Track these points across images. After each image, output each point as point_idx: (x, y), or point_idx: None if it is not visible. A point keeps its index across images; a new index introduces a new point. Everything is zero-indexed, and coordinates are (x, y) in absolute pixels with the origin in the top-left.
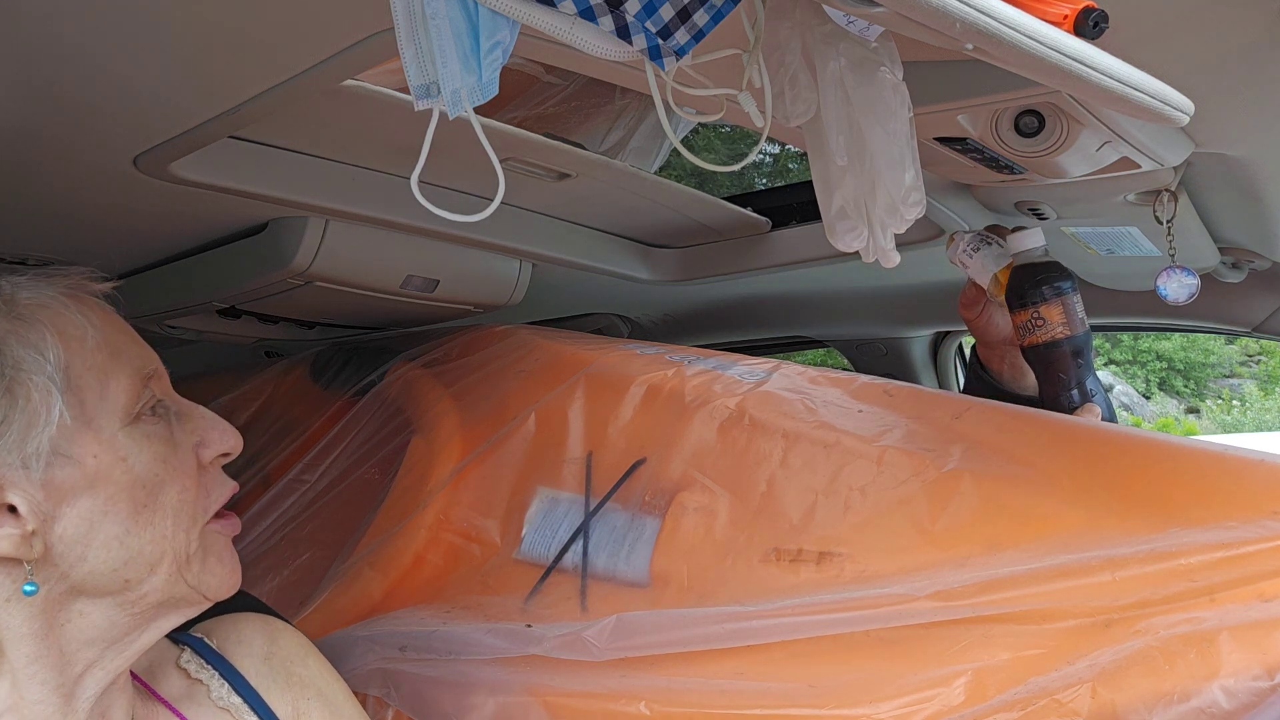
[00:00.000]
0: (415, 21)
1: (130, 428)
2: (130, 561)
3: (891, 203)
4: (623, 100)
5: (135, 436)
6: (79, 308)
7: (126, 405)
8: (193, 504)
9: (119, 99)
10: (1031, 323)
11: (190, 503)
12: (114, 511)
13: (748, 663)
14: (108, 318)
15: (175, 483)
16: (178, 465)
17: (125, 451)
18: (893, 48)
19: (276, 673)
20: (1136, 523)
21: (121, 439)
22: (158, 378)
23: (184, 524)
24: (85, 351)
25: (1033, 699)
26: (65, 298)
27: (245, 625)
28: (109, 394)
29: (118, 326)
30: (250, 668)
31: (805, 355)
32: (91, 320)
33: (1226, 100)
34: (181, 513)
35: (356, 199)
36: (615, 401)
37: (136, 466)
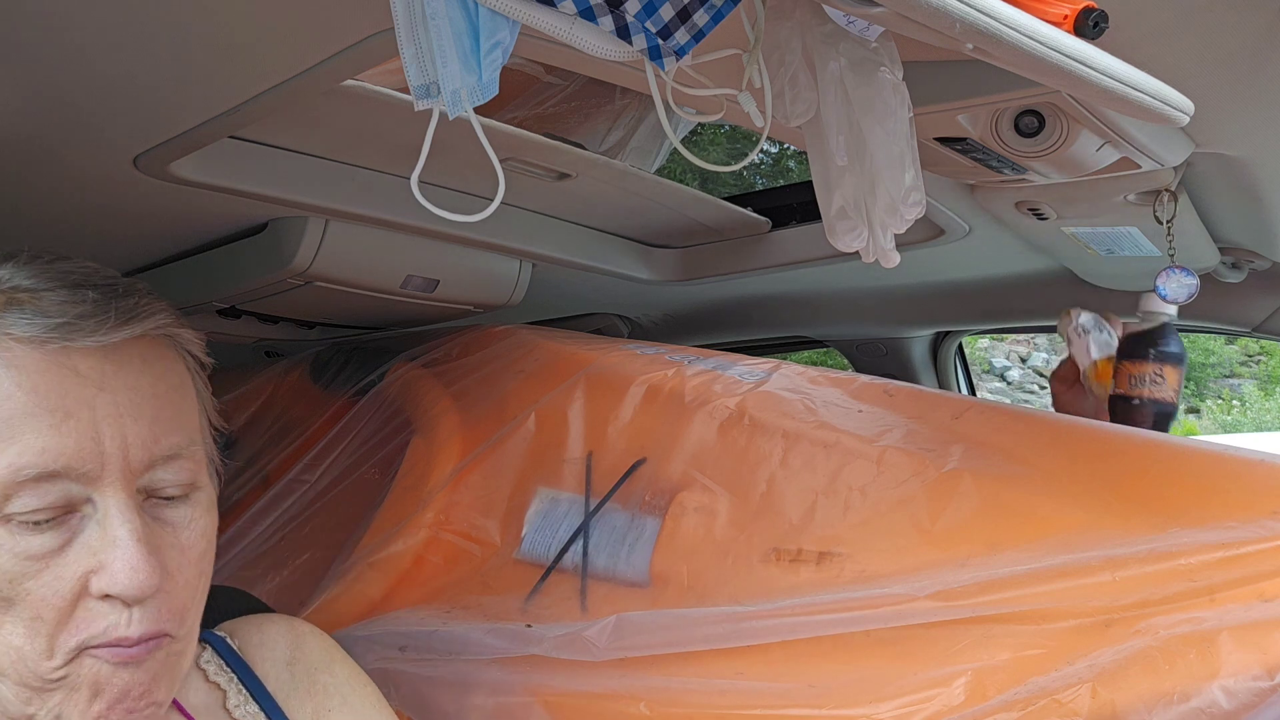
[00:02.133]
0: (415, 21)
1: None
2: None
3: (891, 203)
4: (623, 100)
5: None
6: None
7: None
8: (48, 635)
9: (119, 99)
10: (1149, 377)
11: (45, 633)
12: None
13: (748, 663)
14: (22, 388)
15: (26, 607)
16: (39, 589)
17: None
18: (893, 48)
19: (299, 679)
20: (1136, 522)
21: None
22: (65, 478)
23: (36, 651)
24: None
25: (1033, 699)
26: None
27: (270, 627)
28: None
29: (31, 405)
30: (271, 673)
31: (805, 355)
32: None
33: (1226, 100)
34: (33, 639)
35: (356, 199)
36: (615, 401)
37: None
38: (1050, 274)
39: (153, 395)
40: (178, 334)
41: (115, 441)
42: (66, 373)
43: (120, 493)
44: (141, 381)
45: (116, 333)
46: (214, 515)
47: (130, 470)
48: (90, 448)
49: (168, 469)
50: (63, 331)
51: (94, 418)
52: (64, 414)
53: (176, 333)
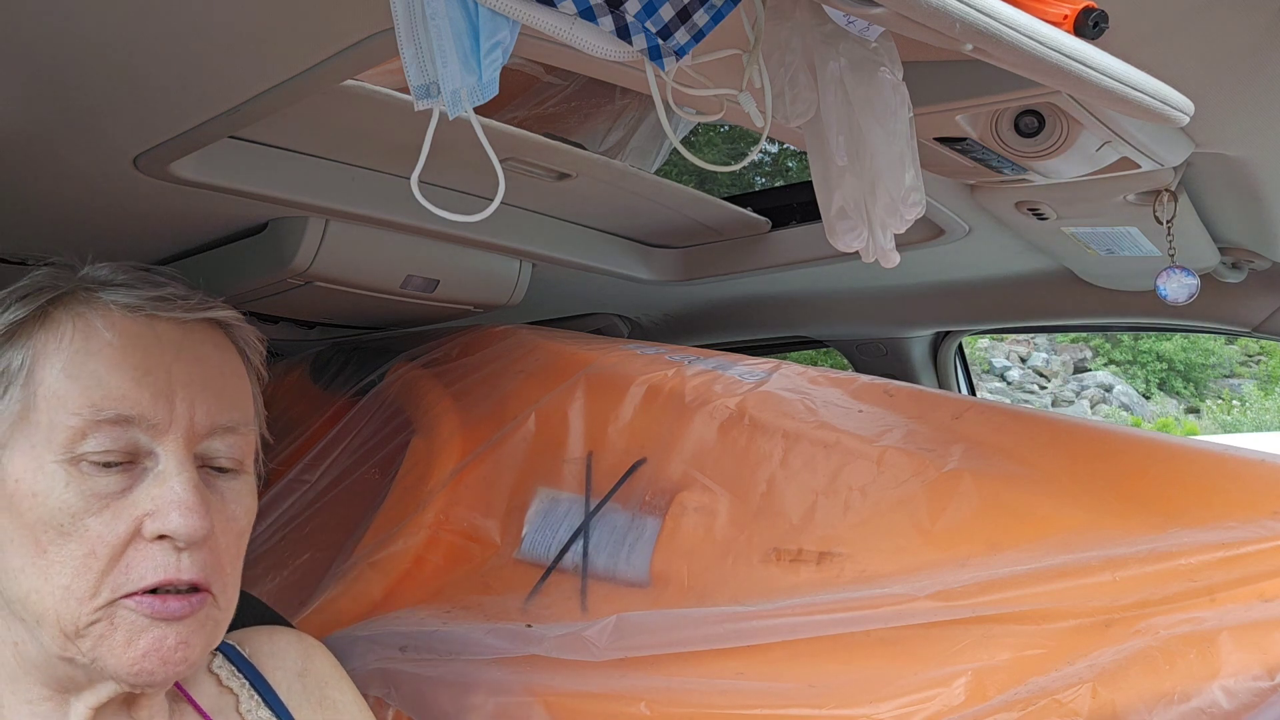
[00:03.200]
0: (415, 21)
1: (64, 465)
2: (23, 602)
3: (891, 203)
4: (623, 100)
5: (61, 477)
6: (89, 324)
7: (65, 441)
8: (99, 572)
9: (119, 99)
10: None
11: (96, 570)
12: (17, 541)
13: (748, 663)
14: (112, 344)
15: (82, 543)
16: (97, 526)
17: (43, 487)
18: (893, 48)
19: (310, 692)
20: (1136, 523)
21: (47, 472)
22: (136, 426)
23: (81, 590)
24: (56, 372)
25: (1033, 699)
26: (96, 309)
27: (280, 638)
28: (57, 421)
29: (117, 360)
30: (282, 683)
31: (805, 355)
32: (88, 342)
33: (1226, 100)
34: (82, 576)
35: (356, 199)
36: (615, 401)
37: (46, 506)
38: (1050, 274)
39: (219, 373)
40: (242, 329)
41: (185, 403)
42: (151, 337)
43: (181, 449)
44: (211, 358)
45: (195, 313)
46: (255, 503)
47: (193, 431)
48: (163, 404)
49: (224, 440)
50: (152, 304)
51: (169, 379)
52: (144, 370)
53: (241, 327)
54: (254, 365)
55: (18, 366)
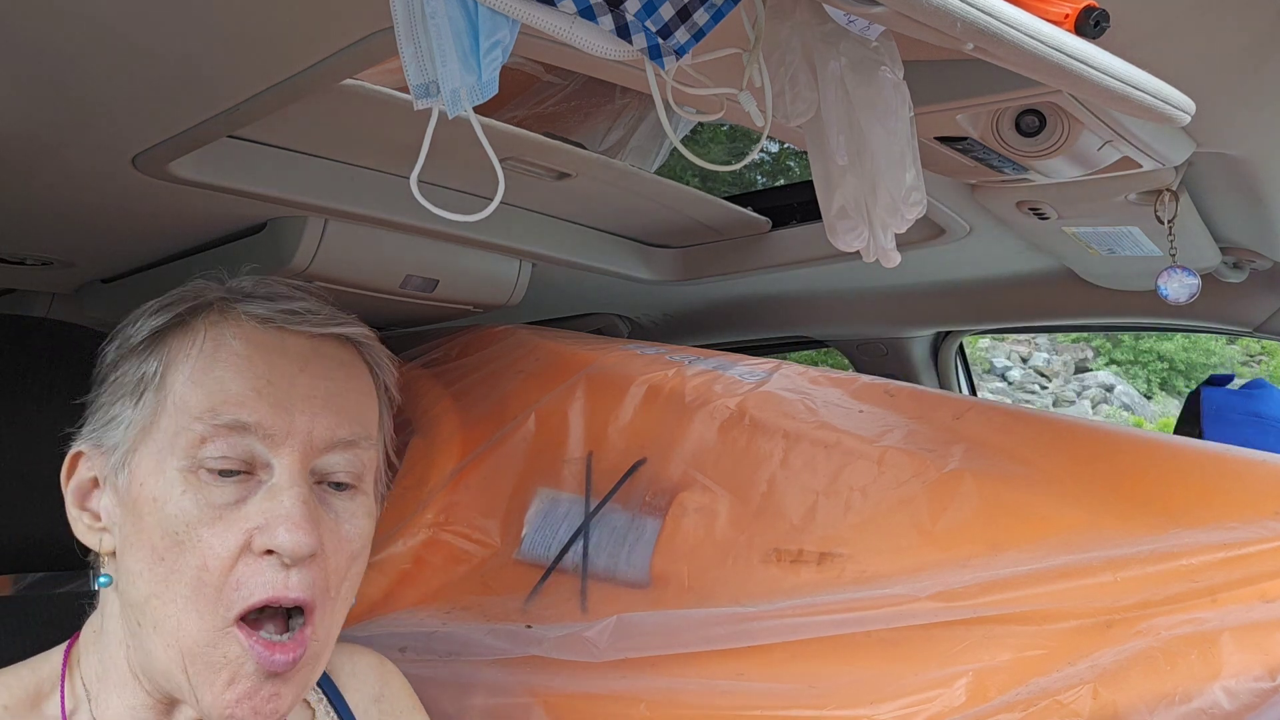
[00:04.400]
0: (414, 20)
1: (183, 473)
2: (143, 607)
3: (892, 202)
4: (623, 99)
5: (179, 485)
6: (222, 334)
7: (186, 447)
8: (215, 587)
9: (117, 98)
10: None
11: (211, 584)
12: (137, 545)
13: (748, 663)
14: (239, 354)
15: (195, 554)
16: (210, 538)
17: (163, 492)
18: (893, 47)
19: (385, 718)
20: (1138, 523)
21: (168, 479)
22: (253, 434)
23: (200, 605)
24: (184, 380)
25: (1034, 700)
26: (230, 320)
27: (361, 659)
28: (182, 427)
29: (243, 369)
30: (359, 705)
31: (805, 355)
32: (217, 351)
33: (1227, 100)
34: (200, 590)
35: (355, 199)
36: (615, 401)
37: (164, 513)
38: (1051, 274)
39: (344, 389)
40: (373, 347)
41: (305, 416)
42: (279, 348)
43: (297, 464)
44: (337, 374)
45: (327, 327)
46: (372, 525)
47: (311, 446)
48: (282, 415)
49: (342, 455)
50: (284, 315)
51: (291, 392)
52: (268, 381)
53: (372, 345)
54: (383, 384)
55: (152, 373)
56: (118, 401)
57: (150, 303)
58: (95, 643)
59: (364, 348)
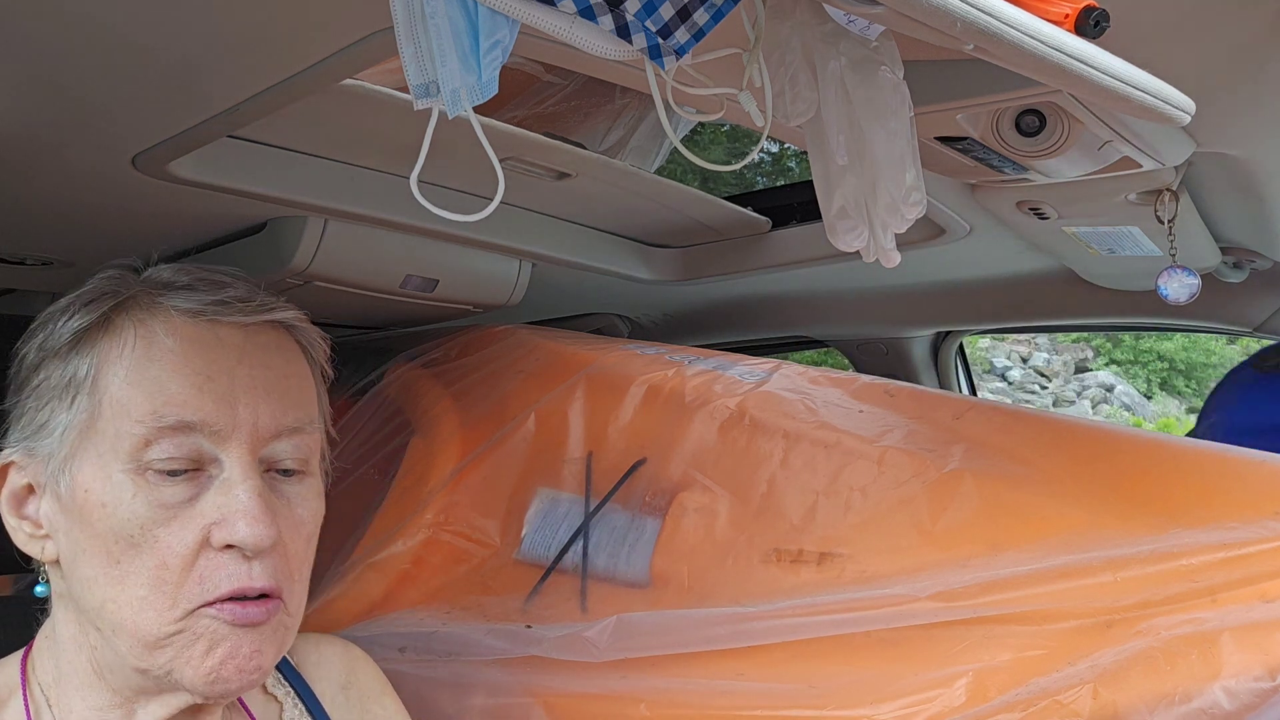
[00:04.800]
0: (414, 20)
1: (130, 475)
2: (99, 611)
3: (892, 202)
4: (623, 99)
5: (127, 488)
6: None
7: (130, 450)
8: (174, 584)
9: (117, 98)
10: None
11: (171, 581)
12: (89, 551)
13: (748, 664)
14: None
15: (153, 554)
16: (166, 537)
17: (111, 497)
18: (893, 47)
19: (352, 704)
20: (1138, 523)
21: (115, 482)
22: (199, 432)
23: (159, 602)
24: (119, 380)
25: (1034, 700)
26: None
27: (326, 647)
28: (122, 430)
29: (178, 366)
30: (327, 693)
31: (805, 355)
32: (150, 349)
33: (1227, 100)
34: (157, 588)
35: (355, 198)
36: (615, 401)
37: (115, 517)
38: (1051, 274)
39: (283, 375)
40: (306, 330)
41: (247, 409)
42: (213, 341)
43: (246, 455)
44: (274, 361)
45: (259, 315)
46: (322, 505)
47: (257, 436)
48: (225, 409)
49: (289, 442)
50: (214, 307)
51: (232, 384)
52: (206, 376)
53: (305, 328)
54: (318, 364)
55: (83, 375)
56: (46, 406)
57: (63, 300)
58: (49, 649)
59: (296, 330)
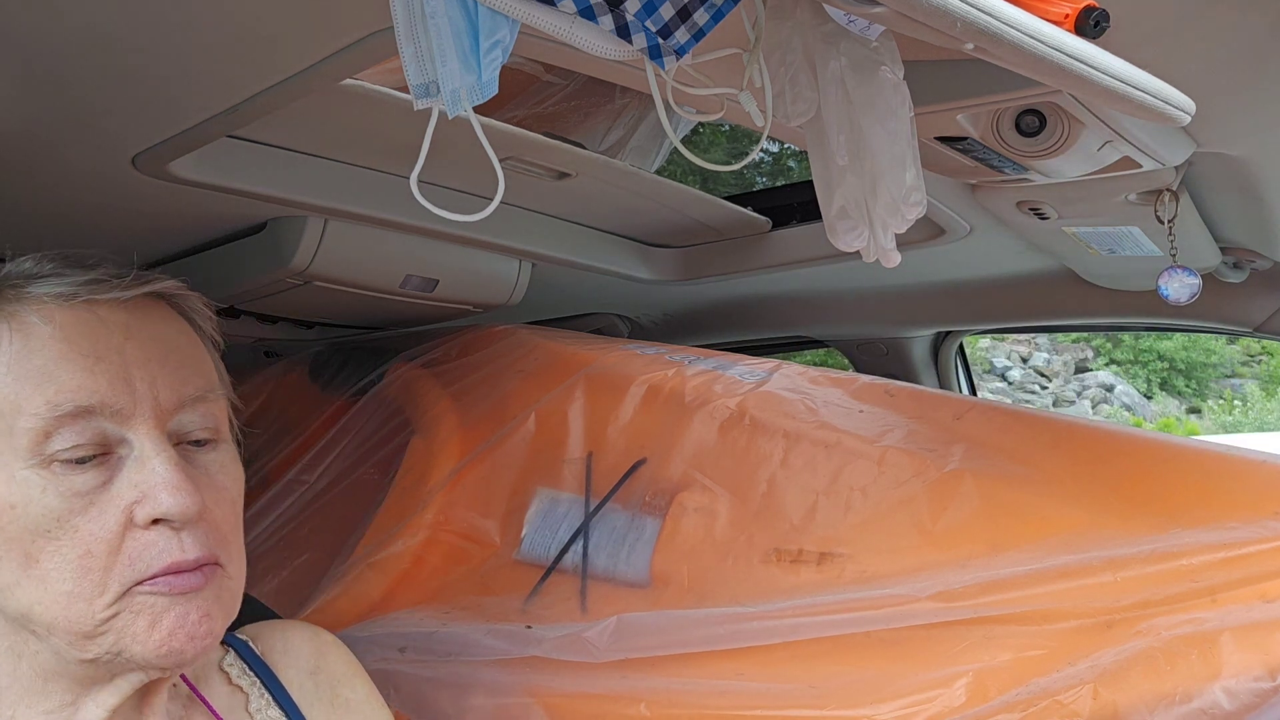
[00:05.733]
0: (414, 20)
1: (35, 470)
2: (27, 616)
3: (892, 202)
4: (623, 99)
5: (35, 484)
6: (28, 321)
7: (29, 445)
8: (102, 570)
9: (117, 98)
10: None
11: (97, 569)
12: (5, 559)
13: (748, 664)
14: (55, 337)
15: (74, 545)
16: (86, 525)
17: (19, 497)
18: (893, 47)
19: (321, 690)
20: (1138, 523)
21: (20, 481)
22: (100, 415)
23: (87, 591)
24: (3, 377)
25: (1034, 700)
26: (32, 306)
27: (293, 634)
28: (17, 426)
29: (63, 351)
30: (294, 680)
31: (806, 356)
32: (29, 340)
33: (1227, 100)
34: (84, 578)
35: (355, 198)
36: (615, 401)
37: (28, 515)
38: (1051, 274)
39: (175, 345)
40: (186, 298)
41: (145, 383)
42: (94, 322)
43: (154, 430)
44: (162, 332)
45: (135, 289)
46: (241, 471)
47: (161, 410)
48: (122, 388)
49: (194, 412)
50: (87, 288)
51: (124, 361)
52: (95, 358)
53: (185, 295)
54: (207, 333)
55: None
56: None
57: None
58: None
59: (177, 300)
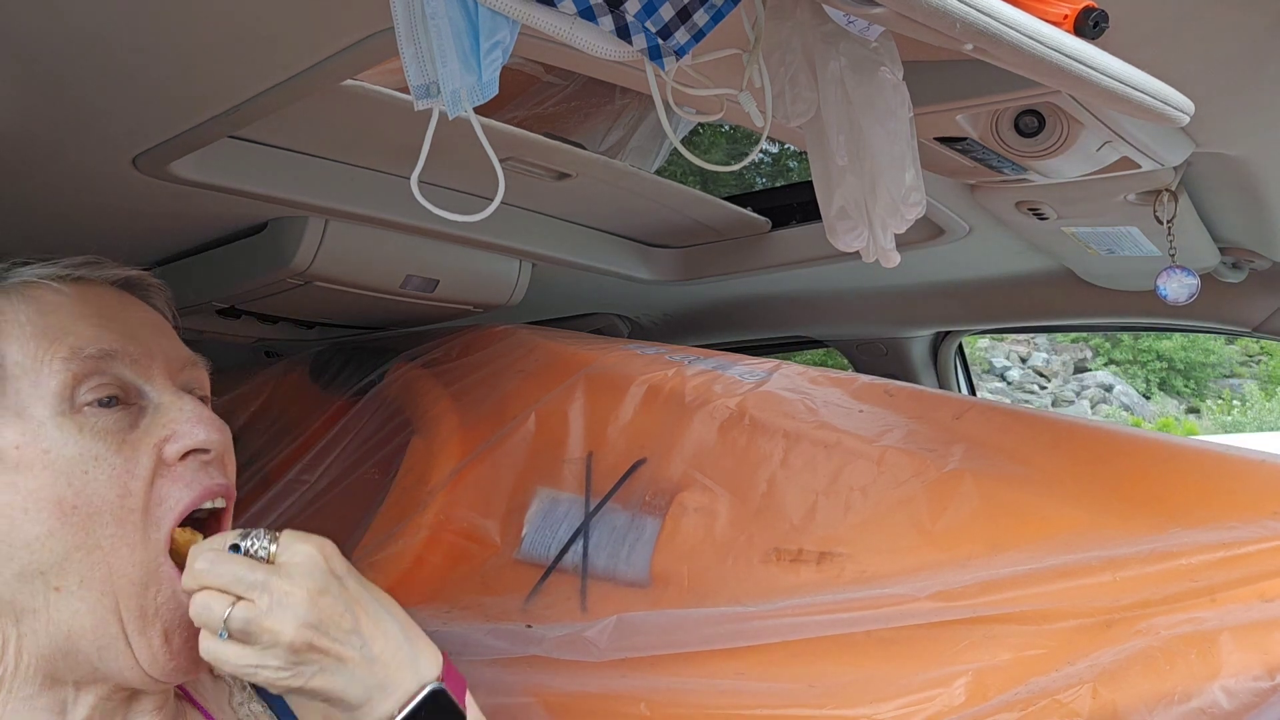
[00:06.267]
0: (415, 21)
1: (65, 417)
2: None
3: (892, 202)
4: (623, 100)
5: (68, 428)
6: (34, 293)
7: (58, 391)
8: (140, 510)
9: (118, 99)
10: None
11: (136, 509)
12: (35, 509)
13: (748, 663)
14: (64, 301)
15: (113, 483)
16: (120, 465)
17: (53, 442)
18: (893, 47)
19: None
20: (1137, 523)
21: (50, 429)
22: (119, 361)
23: (130, 535)
24: (22, 338)
25: (1034, 699)
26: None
27: None
28: (41, 380)
29: (75, 311)
30: None
31: (806, 356)
32: (41, 305)
33: (1227, 100)
34: (126, 519)
35: (356, 199)
36: (615, 401)
37: (61, 460)
38: (1050, 274)
39: (160, 321)
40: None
41: (155, 343)
42: (94, 294)
43: (169, 381)
44: (148, 310)
45: (119, 272)
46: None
47: (171, 365)
48: (136, 342)
49: (194, 373)
50: (82, 269)
51: (130, 325)
52: (106, 318)
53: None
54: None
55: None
56: None
57: None
58: None
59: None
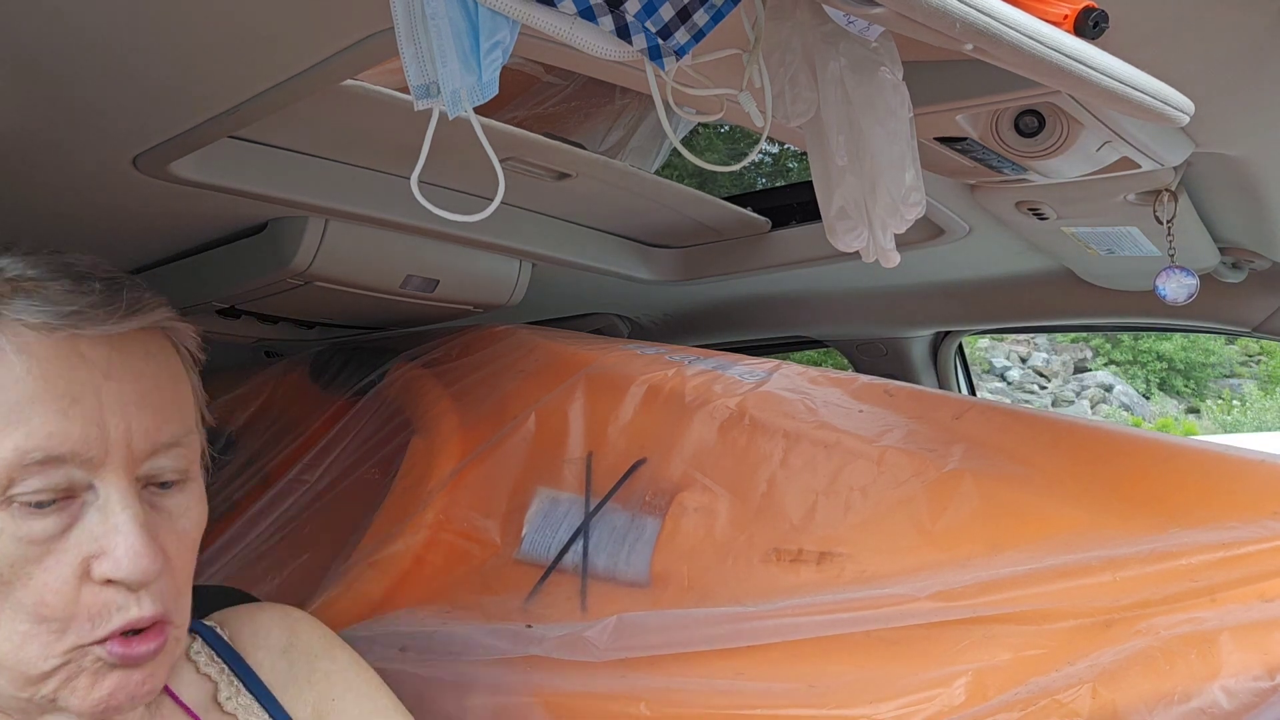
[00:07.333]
0: (415, 21)
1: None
2: None
3: (892, 202)
4: (623, 100)
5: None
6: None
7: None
8: (60, 619)
9: (118, 98)
10: None
11: (55, 618)
12: None
13: (748, 663)
14: (31, 371)
15: (29, 593)
16: (41, 575)
17: None
18: (893, 47)
19: (297, 668)
20: (1137, 523)
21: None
22: (70, 464)
23: (43, 635)
24: None
25: (1033, 699)
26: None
27: (262, 615)
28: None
29: (38, 391)
30: (266, 663)
31: (805, 355)
32: (2, 373)
33: (1227, 100)
34: (39, 625)
35: (356, 199)
36: (615, 401)
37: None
38: (1050, 274)
39: (155, 385)
40: (177, 329)
41: (120, 429)
42: (75, 359)
43: (122, 479)
44: (145, 371)
45: (124, 323)
46: (205, 507)
47: (133, 457)
48: (95, 434)
49: (167, 456)
50: (73, 320)
51: (100, 405)
52: (71, 399)
53: (176, 327)
54: (190, 354)
55: None
56: None
57: None
58: None
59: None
